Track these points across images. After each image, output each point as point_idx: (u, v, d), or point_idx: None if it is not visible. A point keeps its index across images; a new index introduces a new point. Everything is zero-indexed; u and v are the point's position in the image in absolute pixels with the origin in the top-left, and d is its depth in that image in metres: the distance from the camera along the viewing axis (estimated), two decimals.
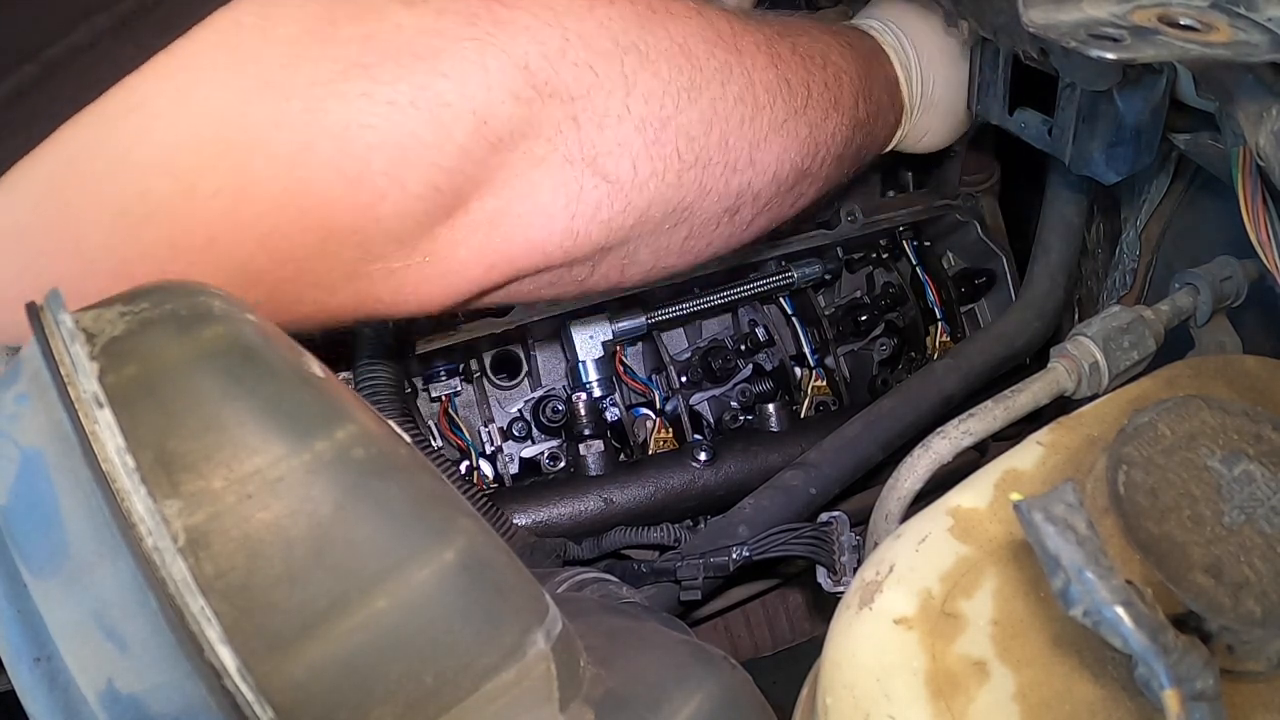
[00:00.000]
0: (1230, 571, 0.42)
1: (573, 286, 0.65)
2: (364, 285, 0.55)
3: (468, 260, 0.57)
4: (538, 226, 0.57)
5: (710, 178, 0.62)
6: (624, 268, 0.65)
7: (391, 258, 0.54)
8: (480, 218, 0.55)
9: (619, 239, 0.61)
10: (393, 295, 0.56)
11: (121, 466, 0.37)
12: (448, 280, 0.57)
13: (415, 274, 0.55)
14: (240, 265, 0.50)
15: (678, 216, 0.63)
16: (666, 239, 0.64)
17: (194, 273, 0.48)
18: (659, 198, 0.61)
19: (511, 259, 0.58)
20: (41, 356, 0.39)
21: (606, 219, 0.59)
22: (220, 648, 0.36)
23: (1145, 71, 0.72)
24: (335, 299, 0.55)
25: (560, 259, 0.60)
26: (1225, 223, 0.86)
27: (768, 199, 0.68)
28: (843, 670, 0.47)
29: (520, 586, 0.45)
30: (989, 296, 1.14)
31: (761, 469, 0.97)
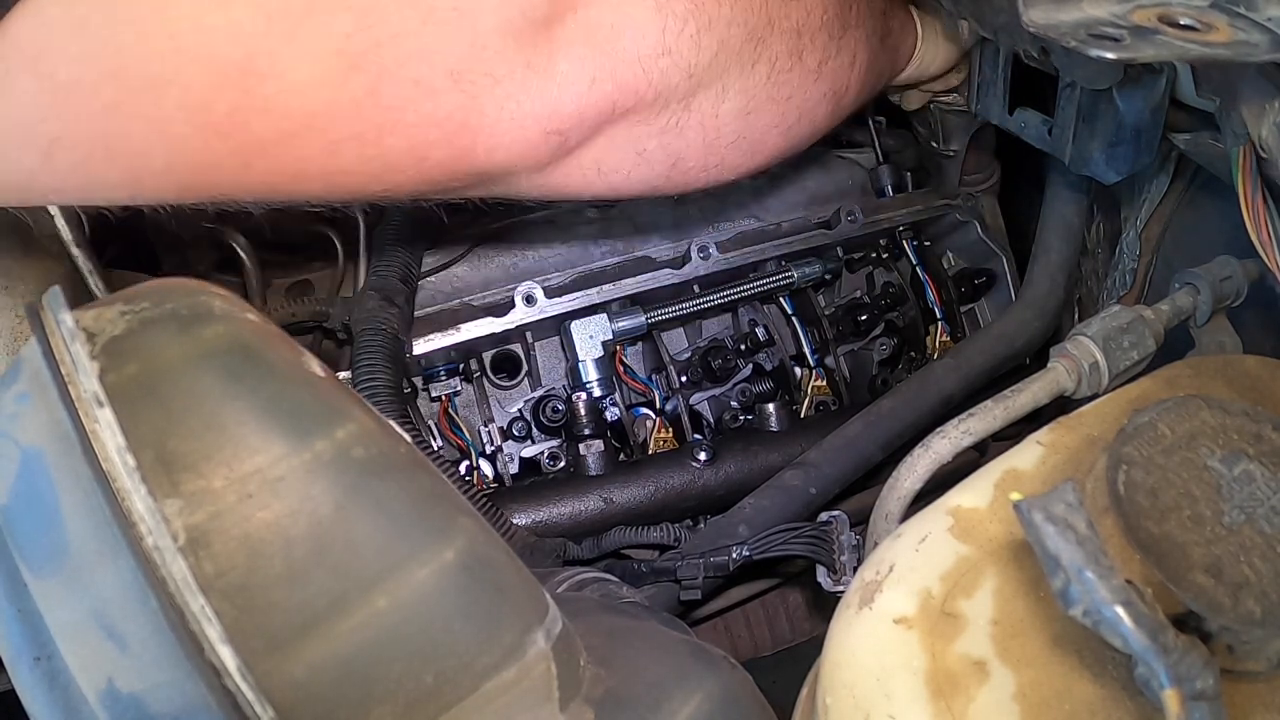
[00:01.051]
0: (1230, 571, 0.42)
1: (671, 136, 0.64)
2: (468, 91, 0.53)
3: (569, 72, 0.56)
4: (631, 36, 0.58)
5: (773, 6, 0.65)
6: (718, 110, 0.65)
7: (494, 57, 0.53)
8: (576, 28, 0.56)
9: (706, 62, 0.62)
10: (497, 109, 0.55)
11: (122, 465, 0.37)
12: (551, 93, 0.56)
13: (519, 83, 0.55)
14: (338, 44, 0.49)
15: (754, 46, 0.65)
16: (751, 78, 0.66)
17: (288, 50, 0.47)
18: (736, 17, 0.62)
19: (612, 71, 0.58)
20: (42, 356, 0.39)
21: (694, 33, 0.60)
22: (220, 647, 0.36)
23: (1145, 71, 0.72)
24: (439, 105, 0.53)
25: (657, 79, 0.60)
26: (1225, 223, 0.86)
27: (823, 44, 0.70)
28: (843, 670, 0.47)
29: (520, 586, 0.45)
30: (989, 296, 1.14)
31: (761, 469, 0.97)
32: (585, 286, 1.00)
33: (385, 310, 0.89)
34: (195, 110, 0.47)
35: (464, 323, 0.97)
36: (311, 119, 0.50)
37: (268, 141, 0.50)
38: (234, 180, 0.51)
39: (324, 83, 0.49)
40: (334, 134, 0.51)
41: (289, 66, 0.47)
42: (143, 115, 0.46)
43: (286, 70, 0.48)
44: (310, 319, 0.98)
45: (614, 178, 0.65)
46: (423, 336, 0.96)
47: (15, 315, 0.79)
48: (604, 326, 1.00)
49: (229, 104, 0.47)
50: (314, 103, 0.49)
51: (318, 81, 0.49)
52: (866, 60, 0.77)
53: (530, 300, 0.98)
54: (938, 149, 1.07)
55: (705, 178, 0.71)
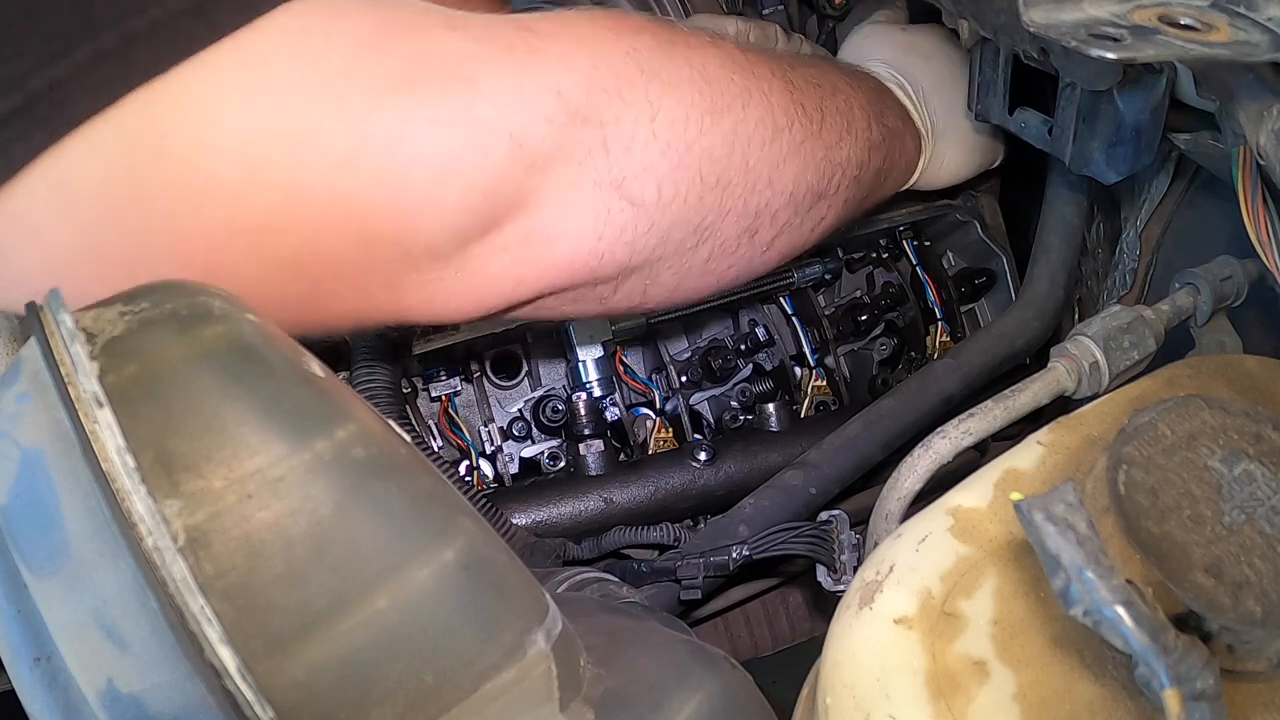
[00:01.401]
0: (1230, 571, 0.42)
1: (595, 305, 0.67)
2: (398, 294, 0.57)
3: (497, 276, 0.59)
4: (566, 247, 0.60)
5: (730, 198, 0.65)
6: (646, 288, 0.67)
7: (426, 270, 0.56)
8: (512, 237, 0.57)
9: (642, 259, 0.63)
10: (424, 304, 0.59)
11: (121, 466, 0.37)
12: (477, 294, 0.59)
13: (447, 287, 0.58)
14: (287, 257, 0.52)
15: (699, 236, 0.65)
16: (689, 259, 0.66)
17: (245, 257, 0.51)
18: (681, 219, 0.63)
19: (539, 275, 0.60)
20: (42, 356, 0.39)
21: (631, 240, 0.61)
22: (220, 647, 0.36)
23: (1145, 71, 0.72)
24: (370, 303, 0.57)
25: (585, 278, 0.62)
26: (1225, 223, 0.86)
27: (785, 220, 0.70)
28: (843, 670, 0.47)
29: (520, 586, 0.45)
30: (989, 296, 1.14)
31: (761, 469, 0.97)
32: None
33: None
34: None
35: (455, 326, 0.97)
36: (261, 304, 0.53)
37: None
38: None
39: (272, 283, 0.53)
40: (279, 315, 0.53)
41: (244, 269, 0.52)
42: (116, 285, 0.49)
43: (242, 271, 0.52)
44: None
45: (541, 320, 0.69)
46: (423, 336, 0.96)
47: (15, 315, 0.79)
48: (604, 326, 1.00)
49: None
50: (264, 299, 0.52)
51: (267, 282, 0.53)
52: (834, 221, 0.76)
53: None
54: None
55: (640, 310, 0.74)
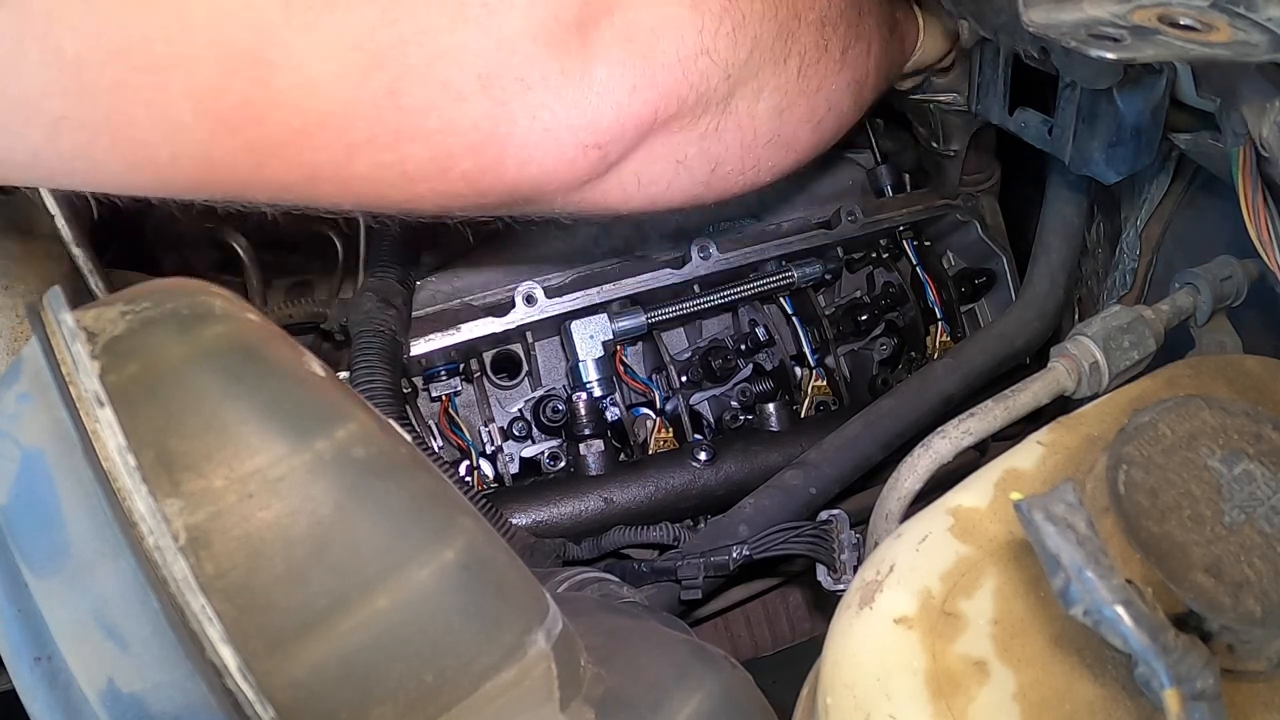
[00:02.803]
0: (1230, 571, 0.42)
1: (711, 142, 0.62)
2: (498, 98, 0.50)
3: (608, 80, 0.53)
4: (671, 38, 0.56)
5: (799, 2, 0.64)
6: (754, 110, 0.64)
7: (525, 62, 0.50)
8: (612, 32, 0.53)
9: (743, 59, 0.60)
10: (529, 119, 0.52)
11: (122, 465, 0.37)
12: (589, 103, 0.53)
13: (553, 91, 0.52)
14: (360, 39, 0.45)
15: (784, 41, 0.63)
16: (783, 74, 0.64)
17: (305, 39, 0.44)
18: (765, 14, 0.61)
19: (652, 77, 0.55)
20: (43, 356, 0.39)
21: (730, 31, 0.58)
22: (221, 647, 0.36)
23: (1145, 71, 0.72)
24: (466, 111, 0.50)
25: (698, 82, 0.58)
26: (1225, 223, 0.86)
27: (844, 32, 0.70)
28: (843, 670, 0.47)
29: (520, 586, 0.45)
30: (989, 296, 1.14)
31: (761, 469, 0.97)
32: (585, 286, 0.99)
33: (383, 312, 0.89)
34: (202, 99, 0.44)
35: (464, 322, 0.97)
36: (327, 117, 0.47)
37: (279, 139, 0.47)
38: (244, 178, 0.48)
39: (342, 79, 0.46)
40: (351, 136, 0.48)
41: (305, 59, 0.44)
42: (147, 100, 0.44)
43: (302, 63, 0.44)
44: (308, 320, 0.98)
45: (654, 189, 0.62)
46: (423, 336, 0.96)
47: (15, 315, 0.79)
48: (604, 326, 1.00)
49: (239, 95, 0.44)
50: (330, 101, 0.46)
51: (335, 78, 0.45)
52: (880, 47, 0.77)
53: (530, 300, 0.97)
54: (938, 149, 1.07)
55: (743, 181, 0.69)
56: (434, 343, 0.96)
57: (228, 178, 0.48)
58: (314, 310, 0.97)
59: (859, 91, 0.75)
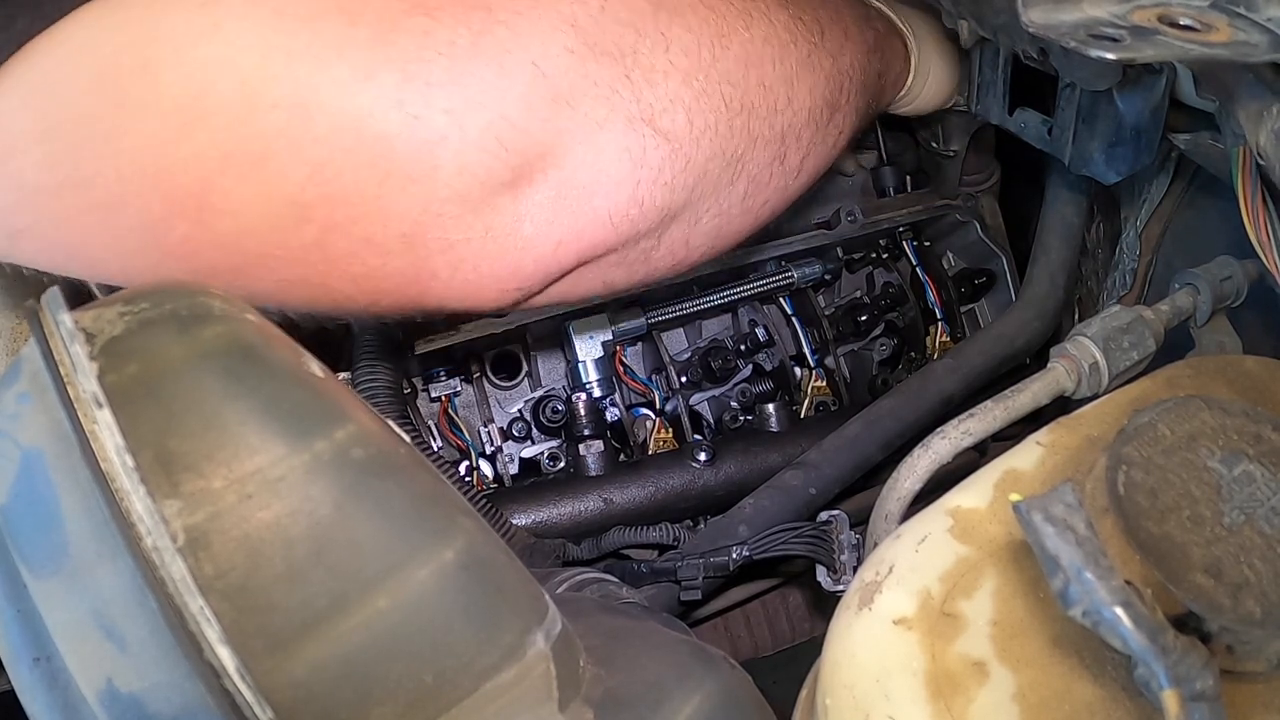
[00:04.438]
0: (1230, 572, 0.42)
1: (640, 267, 0.63)
2: (420, 254, 0.52)
3: (533, 237, 0.54)
4: (604, 195, 0.55)
5: (756, 123, 0.62)
6: (689, 237, 0.64)
7: (452, 225, 0.51)
8: (545, 192, 0.53)
9: (682, 201, 0.60)
10: (450, 272, 0.53)
11: (121, 466, 0.37)
12: (511, 258, 0.54)
13: (476, 248, 0.53)
14: (291, 194, 0.48)
15: (733, 169, 0.62)
16: (726, 198, 0.63)
17: (243, 190, 0.46)
18: (715, 151, 0.60)
19: (579, 233, 0.56)
20: (41, 356, 0.39)
21: (670, 179, 0.58)
22: (220, 647, 0.36)
23: (1145, 71, 0.72)
24: (389, 264, 0.52)
25: (627, 231, 0.58)
26: (1225, 223, 0.86)
27: (809, 138, 0.68)
28: (842, 670, 0.47)
29: (520, 586, 0.45)
30: (989, 296, 1.14)
31: (761, 469, 0.97)
32: None
33: None
34: (149, 232, 0.48)
35: (464, 323, 0.97)
36: (261, 259, 0.50)
37: (219, 270, 0.50)
38: None
39: (274, 228, 0.48)
40: (283, 275, 0.51)
41: (241, 207, 0.47)
42: (100, 228, 0.47)
43: (239, 210, 0.47)
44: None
45: (577, 298, 0.64)
46: (423, 336, 0.96)
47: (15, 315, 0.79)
48: (604, 327, 1.00)
49: (182, 233, 0.48)
50: (263, 245, 0.49)
51: (268, 226, 0.48)
52: (851, 133, 0.75)
53: None
54: (938, 149, 1.07)
55: (669, 278, 0.70)
56: (434, 343, 0.96)
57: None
58: None
59: (814, 179, 0.72)
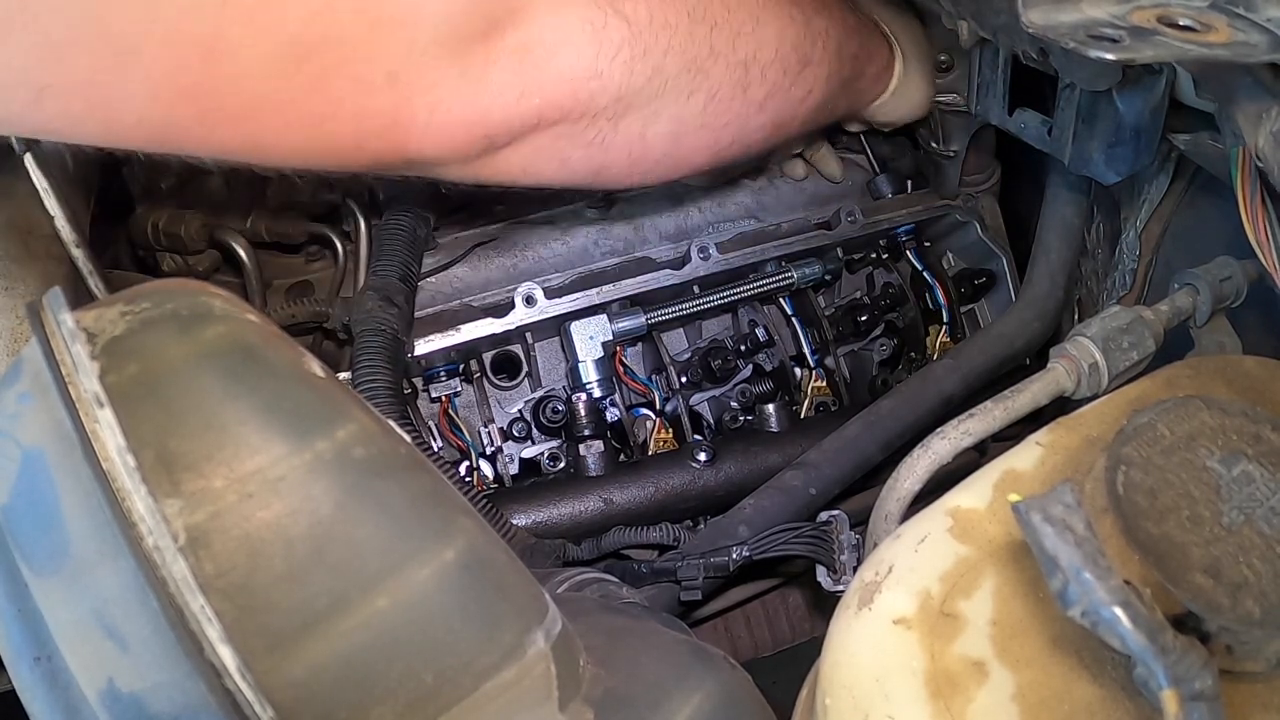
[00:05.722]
0: (1229, 572, 0.42)
1: (595, 149, 0.68)
2: (404, 93, 0.57)
3: (501, 84, 0.60)
4: (565, 58, 0.61)
5: (719, 39, 0.68)
6: (645, 132, 0.69)
7: (430, 65, 0.57)
8: (512, 43, 0.59)
9: (639, 86, 0.65)
10: (428, 112, 0.59)
11: (122, 465, 0.37)
12: (481, 102, 0.60)
13: (451, 90, 0.58)
14: (290, 36, 0.52)
15: (692, 76, 0.68)
16: (685, 106, 0.69)
17: (246, 36, 0.51)
18: (673, 48, 0.65)
19: (540, 87, 0.61)
20: (43, 356, 0.39)
21: (627, 60, 0.63)
22: (220, 647, 0.36)
23: (1145, 72, 0.72)
24: (376, 101, 0.57)
25: (585, 99, 0.63)
26: (1225, 223, 0.86)
27: (775, 80, 0.73)
28: (842, 670, 0.47)
29: (520, 586, 0.45)
30: (989, 296, 1.14)
31: (761, 469, 0.97)
32: (585, 287, 1.00)
33: (385, 310, 0.89)
34: (162, 78, 0.52)
35: (464, 323, 0.97)
36: (264, 100, 0.54)
37: (226, 114, 0.55)
38: (196, 141, 0.57)
39: (276, 70, 0.53)
40: (285, 115, 0.56)
41: (246, 50, 0.52)
42: (118, 77, 0.51)
43: (243, 53, 0.52)
44: (310, 319, 0.98)
45: (539, 177, 0.69)
46: (423, 337, 0.96)
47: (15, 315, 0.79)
48: (604, 327, 1.00)
49: (193, 76, 0.52)
50: (266, 86, 0.54)
51: (270, 68, 0.53)
52: (821, 98, 0.79)
53: (530, 301, 0.98)
54: (938, 149, 1.07)
55: (628, 184, 0.76)
56: (434, 343, 0.96)
57: (182, 139, 0.57)
58: (316, 310, 0.97)
59: (778, 130, 0.78)
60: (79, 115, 0.53)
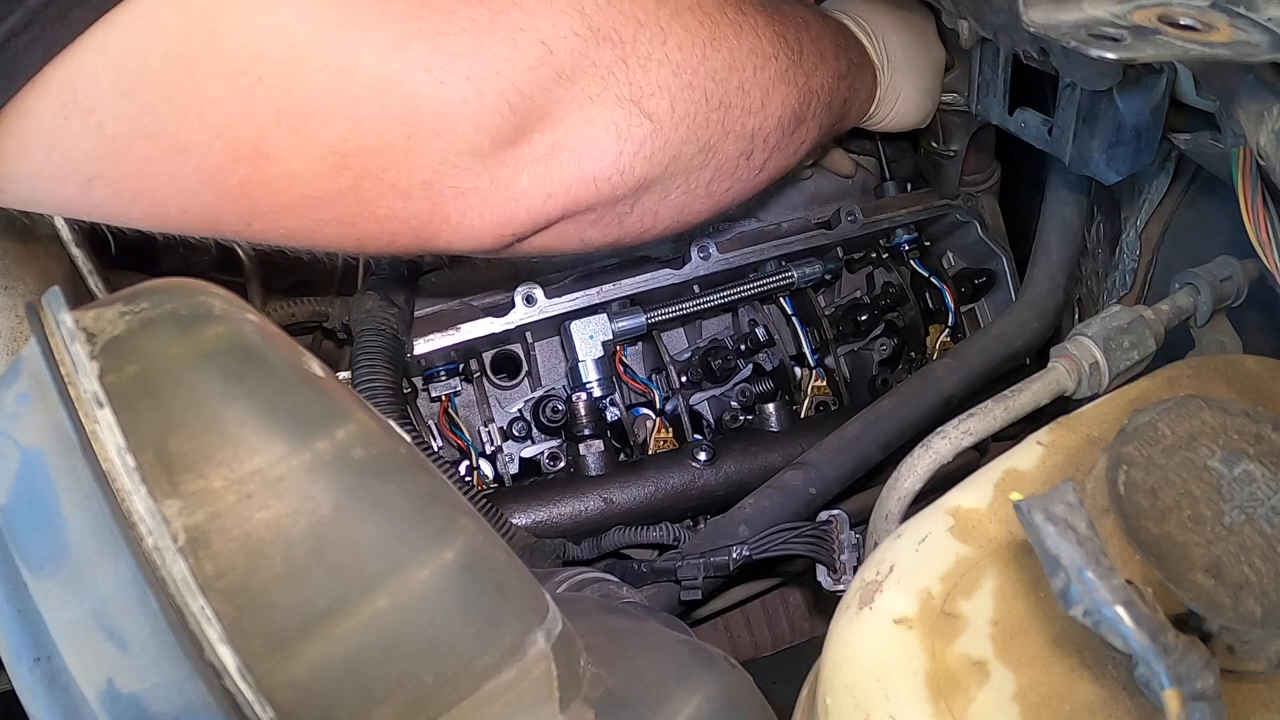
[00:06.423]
0: (1230, 571, 0.42)
1: (613, 228, 0.72)
2: (436, 200, 0.60)
3: (528, 188, 0.63)
4: (590, 159, 0.64)
5: (730, 119, 0.71)
6: (658, 208, 0.73)
7: (464, 173, 0.60)
8: (541, 149, 0.62)
9: (657, 174, 0.68)
10: (459, 216, 0.62)
11: (122, 466, 0.37)
12: (509, 207, 0.63)
13: (481, 196, 0.61)
14: (332, 145, 0.55)
15: (705, 156, 0.71)
16: (695, 179, 0.72)
17: (292, 143, 0.55)
18: (691, 136, 0.68)
19: (567, 189, 0.64)
20: (42, 356, 0.39)
21: (649, 154, 0.66)
22: (220, 647, 0.36)
23: (1145, 71, 0.72)
24: (409, 207, 0.60)
25: (608, 194, 0.67)
26: (1225, 223, 0.86)
27: (775, 143, 0.77)
28: (843, 670, 0.47)
29: (520, 586, 0.45)
30: (989, 296, 1.14)
31: (761, 469, 0.97)
32: (585, 286, 1.00)
33: (385, 310, 0.89)
34: (211, 176, 0.55)
35: (464, 323, 0.97)
36: (304, 200, 0.58)
37: (266, 210, 0.58)
38: (235, 231, 0.60)
39: (318, 174, 0.56)
40: (320, 214, 0.59)
41: (291, 155, 0.55)
42: (168, 172, 0.54)
43: (289, 158, 0.55)
44: (310, 319, 0.98)
45: (557, 252, 0.73)
46: (423, 336, 0.96)
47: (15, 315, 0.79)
48: (604, 326, 1.00)
49: (239, 176, 0.55)
50: (307, 187, 0.57)
51: (313, 172, 0.56)
52: (814, 144, 0.83)
53: (530, 300, 0.98)
54: (938, 149, 1.07)
55: (637, 244, 0.78)
56: (434, 343, 0.96)
57: (222, 229, 0.60)
58: (316, 309, 0.97)
59: (775, 180, 0.81)
60: (124, 205, 0.56)
